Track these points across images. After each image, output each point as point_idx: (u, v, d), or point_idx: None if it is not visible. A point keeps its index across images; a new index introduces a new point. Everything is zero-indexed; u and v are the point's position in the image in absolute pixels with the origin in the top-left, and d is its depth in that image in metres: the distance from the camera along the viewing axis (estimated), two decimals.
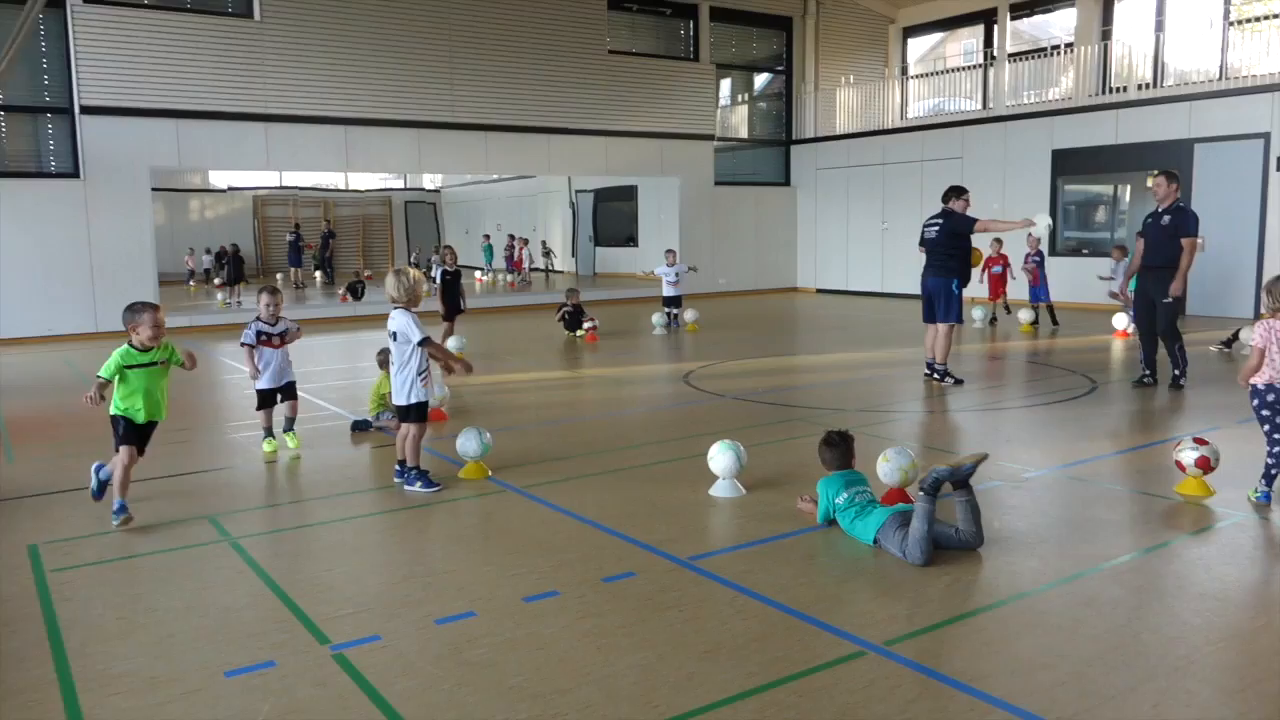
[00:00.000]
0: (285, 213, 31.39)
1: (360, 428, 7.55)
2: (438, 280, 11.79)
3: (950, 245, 9.12)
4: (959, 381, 9.28)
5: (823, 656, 3.47)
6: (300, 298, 21.72)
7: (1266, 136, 14.39)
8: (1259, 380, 5.22)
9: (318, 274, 27.28)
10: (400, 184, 34.71)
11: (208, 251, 27.05)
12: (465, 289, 12.33)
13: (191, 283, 26.40)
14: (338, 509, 5.53)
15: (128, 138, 15.15)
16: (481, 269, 27.15)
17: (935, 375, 9.33)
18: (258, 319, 6.93)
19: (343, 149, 17.10)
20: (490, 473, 6.13)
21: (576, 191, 27.80)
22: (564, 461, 6.53)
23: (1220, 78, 16.11)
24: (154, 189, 16.47)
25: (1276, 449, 5.23)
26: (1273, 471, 5.25)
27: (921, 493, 4.48)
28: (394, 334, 5.79)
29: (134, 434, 5.29)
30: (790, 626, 3.74)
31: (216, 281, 24.33)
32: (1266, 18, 15.87)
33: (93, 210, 15.04)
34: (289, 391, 7.00)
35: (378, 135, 17.36)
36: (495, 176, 28.89)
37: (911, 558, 4.37)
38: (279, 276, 27.55)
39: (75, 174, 14.96)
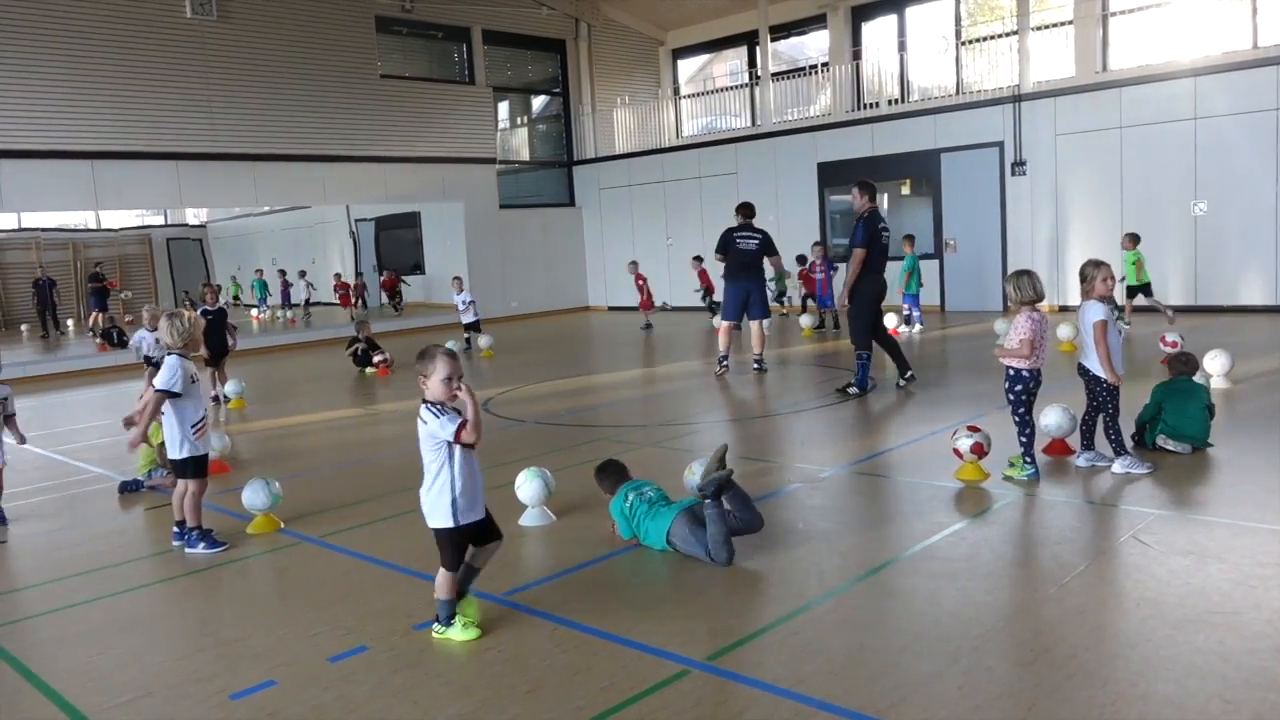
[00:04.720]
0: (28, 257, 28.43)
1: (130, 489, 6.90)
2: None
3: (761, 257, 10.28)
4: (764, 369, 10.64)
5: (649, 680, 3.42)
6: (59, 346, 19.69)
7: (1000, 145, 15.85)
8: (1023, 365, 5.65)
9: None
10: (160, 220, 32.26)
11: None
12: (240, 328, 11.57)
13: None
14: (107, 583, 4.98)
15: None
16: (257, 306, 25.67)
17: (760, 367, 10.58)
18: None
19: (89, 186, 15.67)
20: (282, 525, 5.72)
21: (356, 220, 26.82)
22: (362, 505, 6.20)
23: (957, 92, 17.64)
24: None
25: (1029, 429, 5.71)
26: (1030, 447, 5.70)
27: (708, 500, 4.59)
28: None
29: None
30: (613, 653, 3.68)
31: None
32: (990, 38, 17.53)
33: None
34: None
35: (130, 169, 15.99)
36: (266, 208, 27.38)
37: (718, 560, 4.51)
38: (24, 328, 24.83)
39: None
